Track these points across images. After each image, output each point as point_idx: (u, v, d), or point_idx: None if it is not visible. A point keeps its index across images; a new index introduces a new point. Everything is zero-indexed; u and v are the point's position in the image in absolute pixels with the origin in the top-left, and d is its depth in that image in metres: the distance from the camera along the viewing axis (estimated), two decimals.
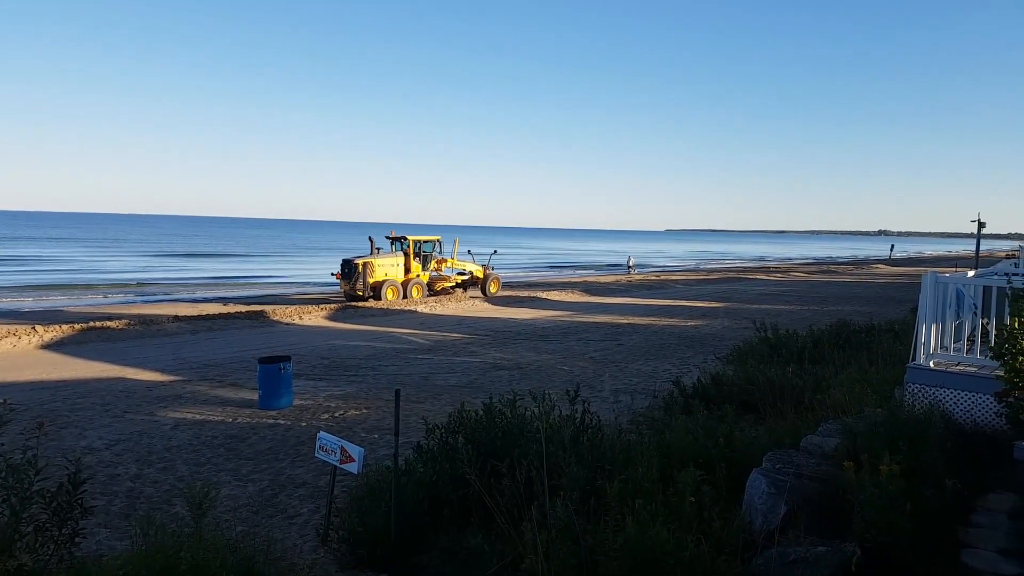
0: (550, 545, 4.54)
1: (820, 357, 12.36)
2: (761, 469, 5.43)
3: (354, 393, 12.85)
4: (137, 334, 19.64)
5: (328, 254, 71.69)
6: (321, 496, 7.56)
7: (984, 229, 33.25)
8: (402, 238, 31.82)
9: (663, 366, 15.66)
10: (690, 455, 6.03)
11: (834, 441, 6.13)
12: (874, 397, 7.68)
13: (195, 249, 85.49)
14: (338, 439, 6.49)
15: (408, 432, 9.65)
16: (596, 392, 12.84)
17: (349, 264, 29.65)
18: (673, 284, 42.66)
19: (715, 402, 9.00)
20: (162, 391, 12.89)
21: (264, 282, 45.77)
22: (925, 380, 7.42)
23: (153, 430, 10.37)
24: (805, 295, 35.58)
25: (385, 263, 30.24)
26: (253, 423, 10.80)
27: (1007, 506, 5.37)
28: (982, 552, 4.64)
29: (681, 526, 4.50)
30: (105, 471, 8.62)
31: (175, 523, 6.36)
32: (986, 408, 6.99)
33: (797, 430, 7.10)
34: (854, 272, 60.51)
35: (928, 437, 5.68)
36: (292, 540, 6.68)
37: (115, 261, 61.14)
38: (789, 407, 8.71)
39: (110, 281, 42.26)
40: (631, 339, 19.85)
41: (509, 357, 16.74)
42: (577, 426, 6.63)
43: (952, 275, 8.16)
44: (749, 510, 5.07)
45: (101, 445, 9.67)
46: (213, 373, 14.58)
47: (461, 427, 6.84)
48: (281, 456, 9.25)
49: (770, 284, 44.22)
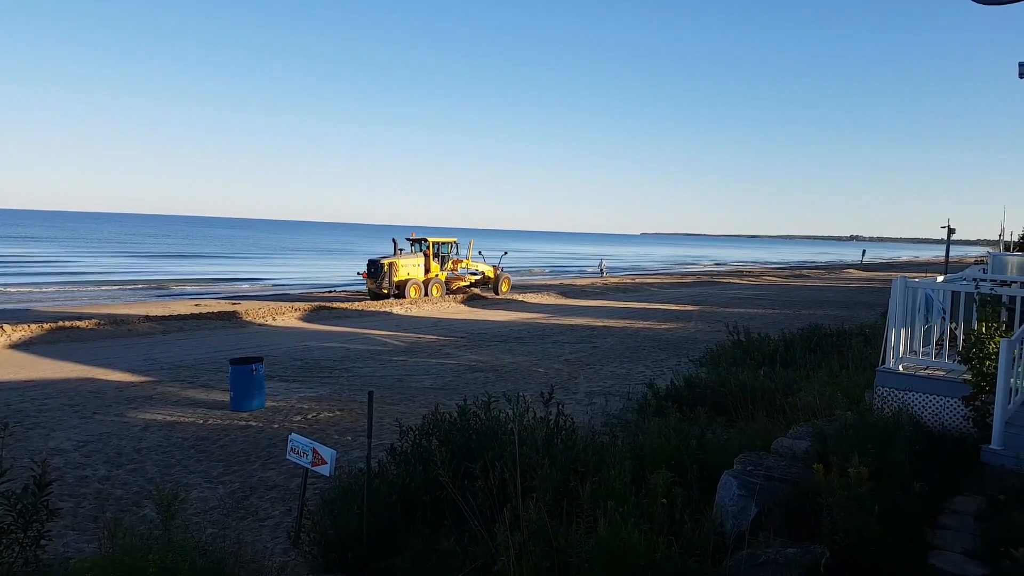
0: (522, 547, 4.54)
1: (792, 360, 12.49)
2: (732, 471, 5.47)
3: (327, 395, 12.76)
4: (107, 334, 19.36)
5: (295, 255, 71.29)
6: (293, 499, 7.49)
7: (954, 235, 33.78)
8: (422, 240, 33.51)
9: (637, 368, 15.74)
10: (662, 457, 6.06)
11: (804, 444, 6.19)
12: (844, 400, 7.76)
13: (169, 250, 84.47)
14: (310, 441, 6.44)
15: (382, 434, 9.60)
16: (571, 394, 12.87)
17: (375, 264, 31.36)
18: (648, 287, 42.90)
19: (688, 404, 9.05)
20: (132, 392, 12.71)
21: (245, 282, 45.33)
22: (894, 384, 7.52)
23: (123, 431, 10.22)
24: (777, 299, 35.94)
25: (407, 263, 31.78)
26: (224, 425, 10.68)
27: (974, 508, 5.46)
28: (949, 554, 4.71)
29: (653, 528, 4.52)
30: (73, 473, 8.48)
31: (144, 526, 6.29)
32: (954, 411, 7.11)
33: (768, 433, 7.16)
34: (826, 276, 61.27)
35: (897, 440, 5.76)
36: (263, 543, 6.61)
37: (86, 259, 60.22)
38: (761, 410, 8.79)
39: (81, 280, 41.58)
40: (606, 341, 19.93)
41: (485, 359, 16.73)
42: (551, 428, 6.64)
43: (921, 280, 8.28)
44: (720, 512, 5.10)
45: (69, 446, 9.51)
46: (184, 374, 14.40)
47: (435, 429, 6.81)
48: (253, 458, 9.16)
49: (743, 288, 44.61)
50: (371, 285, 31.41)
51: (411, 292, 30.85)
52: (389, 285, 30.57)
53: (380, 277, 30.81)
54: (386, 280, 30.63)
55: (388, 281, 30.60)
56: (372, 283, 31.32)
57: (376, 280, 31.00)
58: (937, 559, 4.62)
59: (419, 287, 31.40)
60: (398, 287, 30.78)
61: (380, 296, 30.36)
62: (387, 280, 30.62)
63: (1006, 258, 14.75)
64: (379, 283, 30.78)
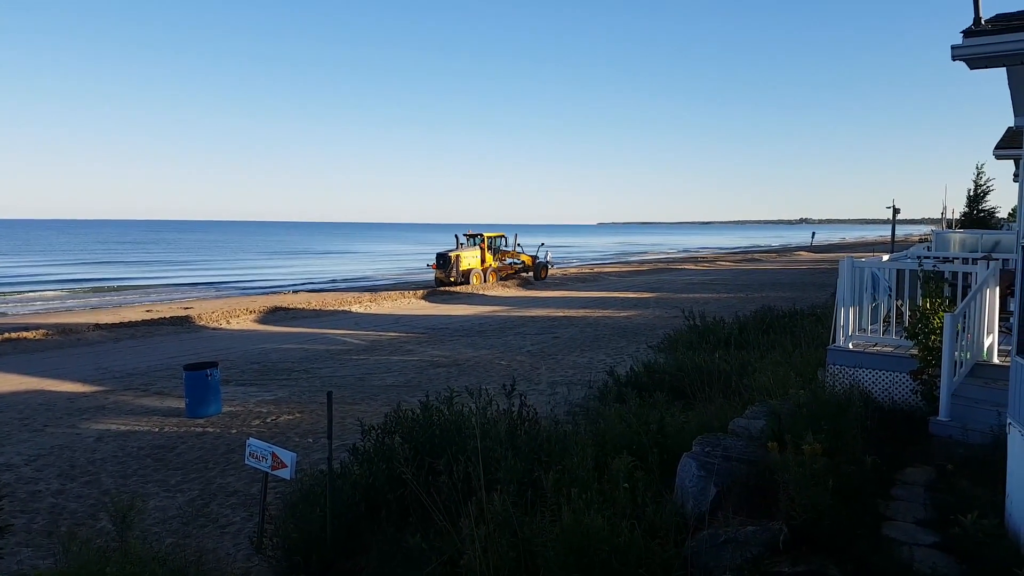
0: (488, 539, 4.55)
1: (746, 342, 12.72)
2: (691, 453, 5.56)
3: (286, 397, 12.60)
4: (56, 344, 18.82)
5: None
6: (254, 504, 7.38)
7: (899, 215, 34.72)
8: (478, 235, 39.54)
9: (598, 357, 15.87)
10: (624, 443, 6.13)
11: (760, 423, 6.32)
12: (798, 379, 7.93)
13: (115, 257, 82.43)
14: (269, 445, 6.35)
15: (344, 434, 9.53)
16: (533, 385, 12.92)
17: (444, 256, 36.91)
18: (606, 276, 43.29)
19: (647, 390, 9.16)
20: (84, 402, 12.38)
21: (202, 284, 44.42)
22: (845, 361, 7.71)
23: (75, 443, 9.95)
24: (731, 283, 36.56)
25: (468, 255, 37.42)
26: (181, 432, 10.47)
27: (924, 479, 5.63)
28: (902, 524, 4.85)
29: (616, 513, 4.57)
30: (25, 488, 8.24)
31: (101, 538, 6.15)
32: (902, 386, 7.32)
33: (725, 414, 7.29)
34: (777, 260, 62.51)
35: (848, 416, 5.91)
36: (225, 550, 6.52)
37: (30, 268, 58.38)
38: (717, 392, 8.94)
39: (26, 289, 40.31)
40: (567, 331, 20.04)
41: (446, 354, 16.69)
42: (513, 420, 6.66)
43: (868, 259, 8.49)
44: (681, 493, 5.18)
45: (20, 461, 9.23)
46: (138, 382, 14.08)
47: (398, 427, 6.79)
48: (211, 465, 9.01)
49: (698, 273, 45.27)
50: (440, 275, 36.48)
51: (474, 280, 36.22)
52: (457, 274, 35.98)
53: (448, 268, 36.15)
54: (454, 270, 36.05)
55: (456, 271, 36.03)
56: (441, 273, 36.45)
57: (445, 270, 36.30)
58: (891, 529, 4.76)
59: (479, 275, 36.84)
60: (463, 275, 36.11)
61: (447, 284, 35.45)
62: (455, 270, 36.05)
63: (948, 235, 15.23)
64: (448, 272, 36.11)
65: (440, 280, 36.43)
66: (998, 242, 13.73)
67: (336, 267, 65.83)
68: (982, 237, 14.45)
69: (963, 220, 30.02)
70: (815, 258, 63.28)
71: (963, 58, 4.44)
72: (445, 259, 36.67)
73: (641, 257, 79.60)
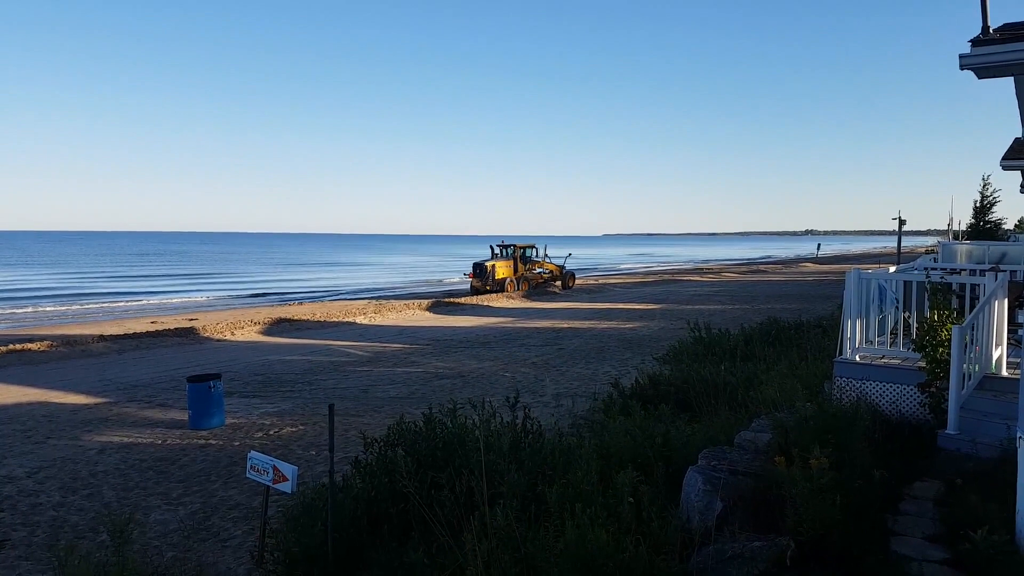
0: (491, 555, 4.49)
1: (752, 354, 12.63)
2: (697, 467, 5.50)
3: (289, 409, 12.55)
4: (61, 356, 18.83)
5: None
6: (255, 517, 7.32)
7: (905, 226, 34.62)
8: (511, 246, 41.71)
9: (603, 368, 15.80)
10: (628, 456, 6.06)
11: (766, 436, 6.25)
12: (804, 392, 7.86)
13: (114, 270, 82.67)
14: (270, 458, 6.30)
15: (347, 447, 9.48)
16: (538, 397, 12.85)
17: (480, 266, 39.45)
18: (611, 287, 43.22)
19: (652, 402, 9.09)
20: (87, 414, 12.35)
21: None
22: (852, 374, 7.64)
23: (78, 455, 9.92)
24: (737, 294, 36.44)
25: (502, 265, 39.78)
26: (183, 444, 10.43)
27: (933, 493, 5.55)
28: (911, 539, 4.77)
29: (620, 528, 4.51)
30: (26, 500, 8.21)
31: (101, 552, 6.09)
32: (910, 399, 7.24)
33: (731, 427, 7.22)
34: (783, 271, 62.31)
35: (856, 429, 5.84)
36: (226, 564, 6.46)
37: (33, 280, 58.58)
38: (723, 404, 8.87)
39: (30, 302, 40.43)
40: (571, 343, 19.97)
41: (451, 366, 16.64)
42: (517, 432, 6.60)
43: (875, 271, 8.43)
44: (687, 508, 5.12)
45: (22, 473, 9.20)
46: (141, 394, 14.05)
47: (400, 439, 6.73)
48: (213, 478, 8.96)
49: (703, 285, 45.15)
50: (476, 283, 39.04)
51: (509, 288, 38.51)
52: (493, 283, 38.41)
53: (485, 277, 38.67)
54: (490, 279, 38.50)
55: (492, 280, 38.47)
56: (478, 282, 38.96)
57: (481, 279, 38.78)
58: (899, 545, 4.68)
59: (514, 283, 39.19)
60: (498, 284, 38.50)
61: (483, 292, 37.65)
62: (491, 279, 38.50)
63: (955, 247, 15.13)
64: (484, 281, 38.55)
65: (476, 288, 38.80)
66: (1005, 253, 13.63)
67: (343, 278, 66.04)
68: (989, 248, 14.35)
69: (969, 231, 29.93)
70: (821, 269, 63.07)
71: (971, 67, 4.40)
72: (482, 268, 39.17)
73: (646, 268, 79.52)
